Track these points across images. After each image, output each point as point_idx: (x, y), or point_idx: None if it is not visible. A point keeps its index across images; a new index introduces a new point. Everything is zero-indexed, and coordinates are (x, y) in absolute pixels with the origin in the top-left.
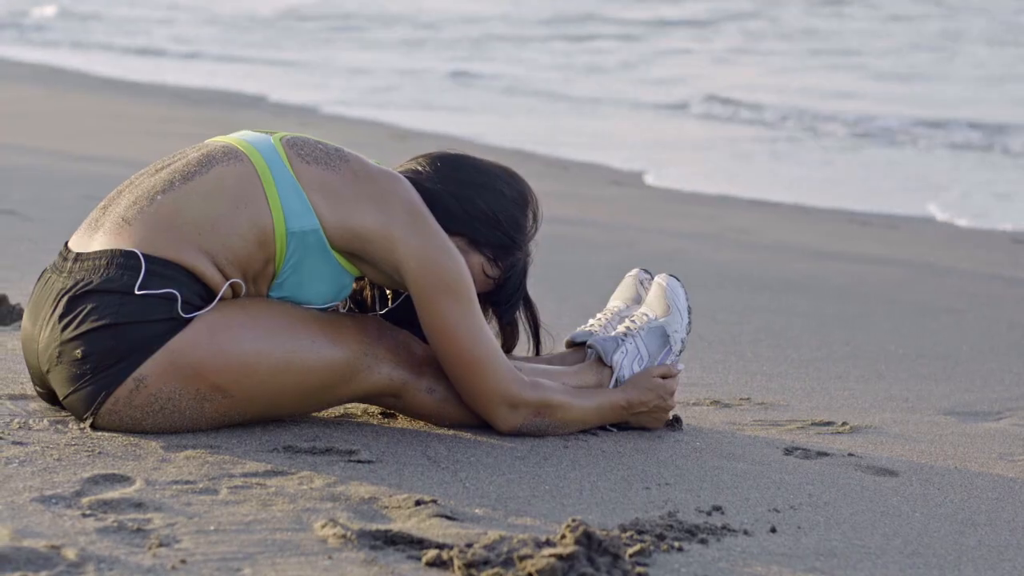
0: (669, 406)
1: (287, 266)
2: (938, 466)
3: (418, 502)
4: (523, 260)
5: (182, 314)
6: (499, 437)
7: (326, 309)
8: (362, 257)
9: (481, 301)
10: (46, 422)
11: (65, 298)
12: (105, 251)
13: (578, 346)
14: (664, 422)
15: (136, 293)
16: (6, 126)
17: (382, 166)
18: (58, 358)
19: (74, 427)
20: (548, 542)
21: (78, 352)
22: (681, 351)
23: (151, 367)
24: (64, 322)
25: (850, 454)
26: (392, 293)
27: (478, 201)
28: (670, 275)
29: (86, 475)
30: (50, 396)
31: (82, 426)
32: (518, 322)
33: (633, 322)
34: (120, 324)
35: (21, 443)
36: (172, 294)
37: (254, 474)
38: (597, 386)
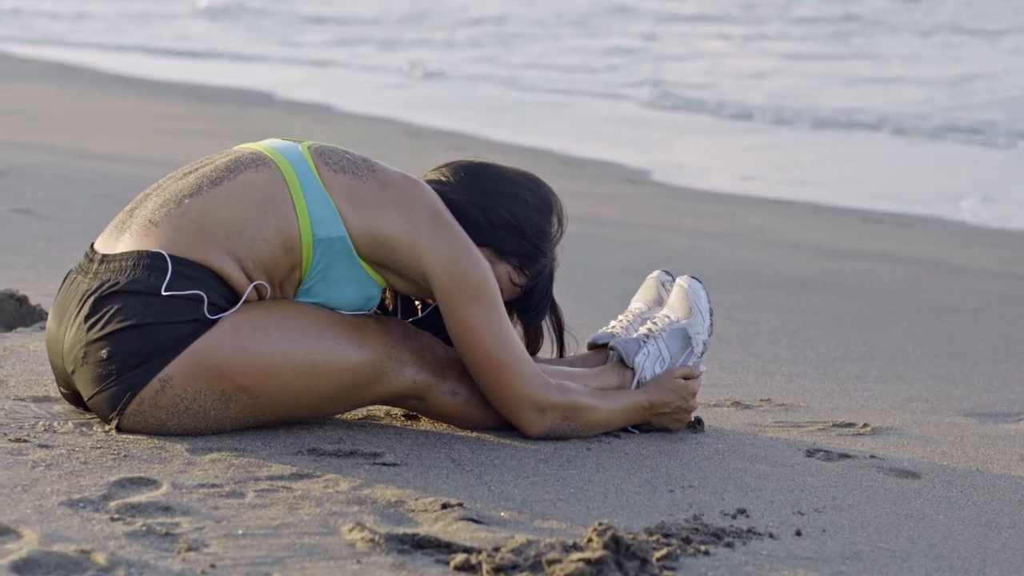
0: (691, 407)
1: (313, 272)
2: (960, 468)
3: (444, 505)
4: (549, 266)
5: (208, 315)
6: (522, 439)
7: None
8: (388, 266)
9: (509, 307)
10: (71, 424)
11: (91, 299)
12: (132, 252)
13: (600, 348)
14: (686, 423)
15: (162, 294)
16: (19, 124)
17: (407, 174)
18: (83, 359)
19: (99, 430)
20: (576, 546)
21: (104, 353)
22: (703, 353)
23: (176, 368)
24: (90, 323)
25: (872, 456)
26: (420, 302)
27: (502, 211)
28: (692, 277)
29: (113, 478)
30: (74, 397)
31: (107, 428)
32: (543, 325)
33: (655, 324)
34: (146, 325)
35: (47, 446)
36: (198, 295)
37: (280, 477)
38: (619, 388)
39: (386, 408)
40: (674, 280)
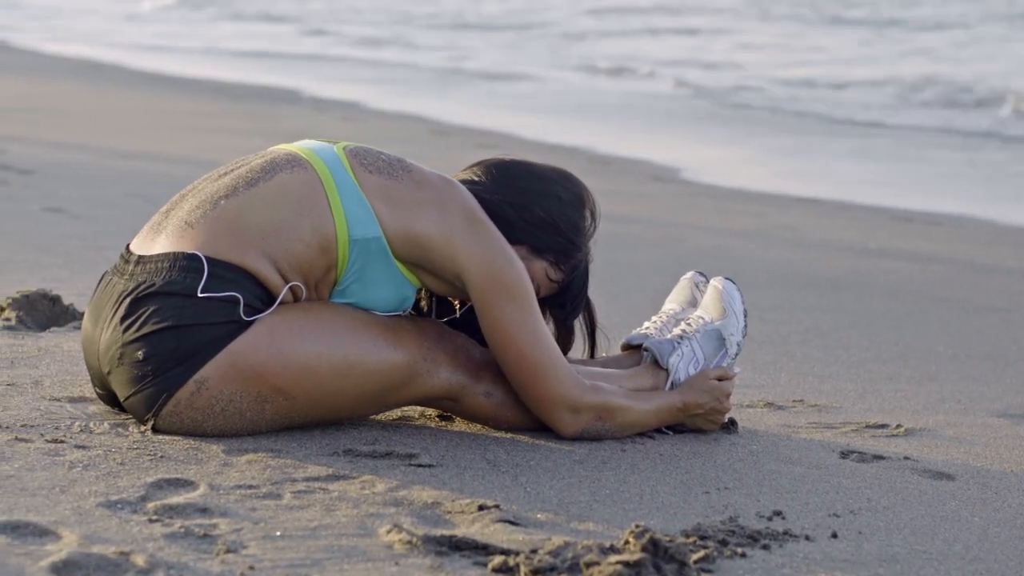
0: (725, 408)
1: (349, 273)
2: (994, 470)
3: (481, 507)
4: (584, 260)
5: (244, 317)
6: (557, 440)
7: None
8: (423, 266)
9: (546, 304)
10: (107, 425)
11: (127, 300)
12: (168, 254)
13: (634, 349)
14: (720, 424)
15: (198, 296)
16: (50, 122)
17: (442, 173)
18: (119, 360)
19: (135, 430)
20: (613, 548)
21: (139, 354)
22: (737, 354)
23: (212, 369)
24: (126, 324)
25: (906, 457)
26: (458, 302)
27: (536, 209)
28: (726, 278)
29: (150, 479)
30: (110, 398)
31: (143, 428)
32: (575, 324)
33: (689, 325)
34: (182, 326)
35: (83, 447)
36: (234, 297)
37: (316, 478)
38: (653, 389)
39: (420, 409)
40: (708, 281)
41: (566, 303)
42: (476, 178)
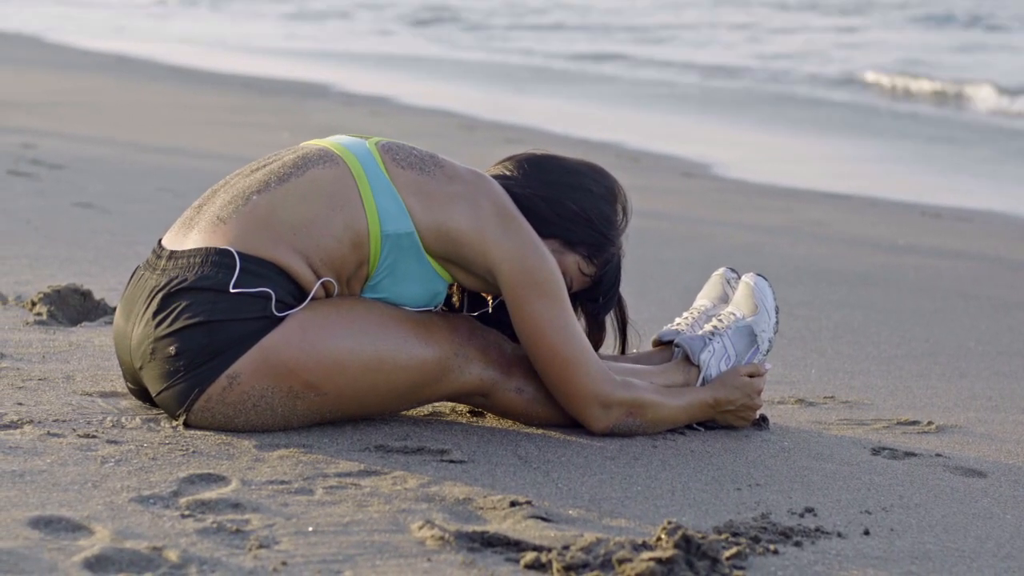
0: (756, 405)
1: (381, 268)
2: None
3: (513, 503)
4: (617, 254)
5: (275, 312)
6: (588, 436)
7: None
8: (455, 261)
9: (579, 299)
10: (139, 420)
11: (159, 295)
12: (200, 249)
13: (665, 345)
14: (751, 421)
15: (230, 291)
16: (80, 117)
17: (473, 168)
18: (151, 355)
19: (166, 425)
20: (645, 545)
21: (171, 349)
22: (768, 351)
23: (244, 364)
24: (158, 319)
25: (938, 454)
26: (489, 296)
27: (568, 202)
28: (757, 274)
29: (182, 475)
30: (141, 393)
31: (175, 424)
32: (605, 320)
33: (720, 321)
34: (214, 322)
35: (115, 442)
36: (266, 292)
37: (348, 474)
38: (684, 385)
39: (452, 405)
40: (739, 277)
41: (598, 297)
42: (508, 173)
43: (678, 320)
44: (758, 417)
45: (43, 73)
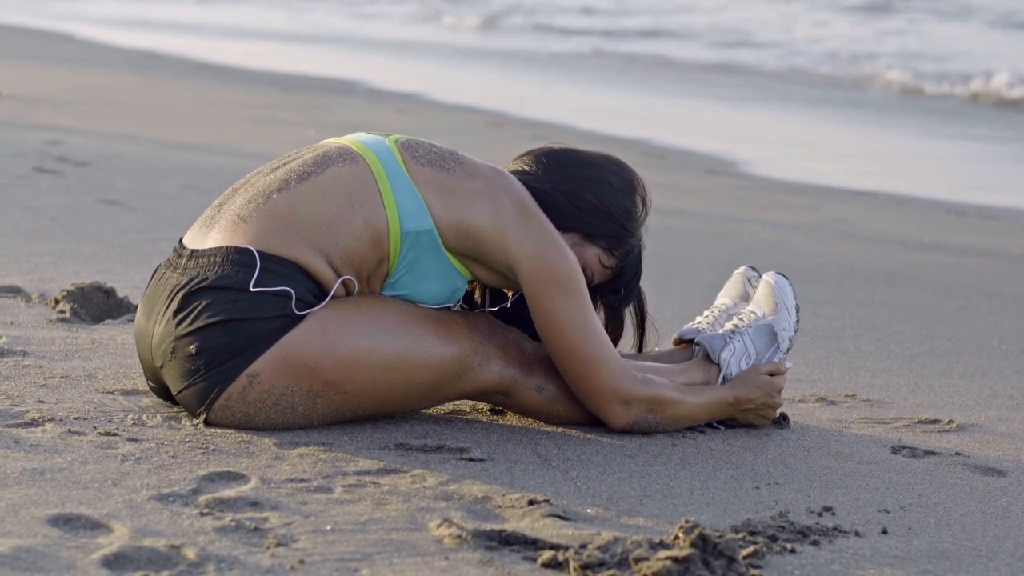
0: (776, 404)
1: (401, 265)
2: None
3: (531, 501)
4: (637, 246)
5: (296, 311)
6: (608, 435)
7: (438, 309)
8: (475, 258)
9: (599, 292)
10: (159, 418)
11: (180, 294)
12: (220, 248)
13: (686, 343)
14: (771, 419)
15: (251, 290)
16: (104, 114)
17: (493, 165)
18: (172, 353)
19: (187, 423)
20: (663, 543)
21: (192, 348)
22: (789, 349)
23: (264, 363)
24: (178, 318)
25: (957, 453)
26: (510, 292)
27: (587, 196)
28: (778, 273)
29: (202, 473)
30: (163, 391)
31: (195, 422)
32: (624, 314)
33: (741, 320)
34: (234, 320)
35: (136, 440)
36: (286, 291)
37: (367, 472)
38: (704, 383)
39: (472, 403)
40: (760, 276)
41: (619, 289)
42: (526, 168)
43: (699, 319)
44: (778, 416)
45: (71, 70)
